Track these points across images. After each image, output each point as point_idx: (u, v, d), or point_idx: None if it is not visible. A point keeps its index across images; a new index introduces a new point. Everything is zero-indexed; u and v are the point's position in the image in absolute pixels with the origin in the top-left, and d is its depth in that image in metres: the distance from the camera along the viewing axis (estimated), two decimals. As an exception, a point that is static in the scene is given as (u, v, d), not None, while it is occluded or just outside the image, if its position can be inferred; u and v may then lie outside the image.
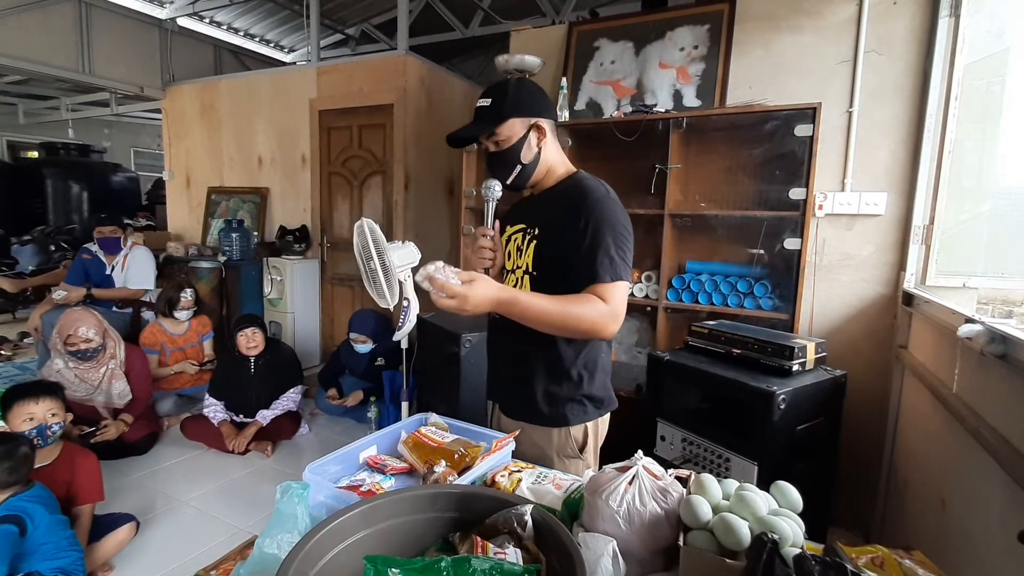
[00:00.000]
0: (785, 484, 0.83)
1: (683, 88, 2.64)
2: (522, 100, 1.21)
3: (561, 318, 1.06)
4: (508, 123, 1.19)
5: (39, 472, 1.92)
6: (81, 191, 6.83)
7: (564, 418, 1.23)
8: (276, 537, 0.78)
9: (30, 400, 1.96)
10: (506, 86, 1.21)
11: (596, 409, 1.26)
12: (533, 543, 0.72)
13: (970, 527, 1.36)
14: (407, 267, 1.04)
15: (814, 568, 0.60)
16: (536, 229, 1.22)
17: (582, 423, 1.24)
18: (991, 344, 1.24)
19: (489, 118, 1.20)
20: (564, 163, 1.28)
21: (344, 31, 5.67)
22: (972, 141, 2.09)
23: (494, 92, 1.21)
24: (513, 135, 1.20)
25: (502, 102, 1.19)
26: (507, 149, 1.21)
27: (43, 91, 6.79)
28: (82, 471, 2.00)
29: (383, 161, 3.91)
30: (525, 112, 1.20)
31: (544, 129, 1.22)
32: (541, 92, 1.27)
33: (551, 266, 1.19)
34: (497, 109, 1.19)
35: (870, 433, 2.27)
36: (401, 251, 1.04)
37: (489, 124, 1.20)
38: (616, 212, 1.15)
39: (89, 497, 1.99)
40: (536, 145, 1.22)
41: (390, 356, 3.29)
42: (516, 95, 1.20)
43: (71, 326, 2.76)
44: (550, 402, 1.24)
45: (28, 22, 4.03)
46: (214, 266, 4.10)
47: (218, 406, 3.01)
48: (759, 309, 2.31)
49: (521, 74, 2.75)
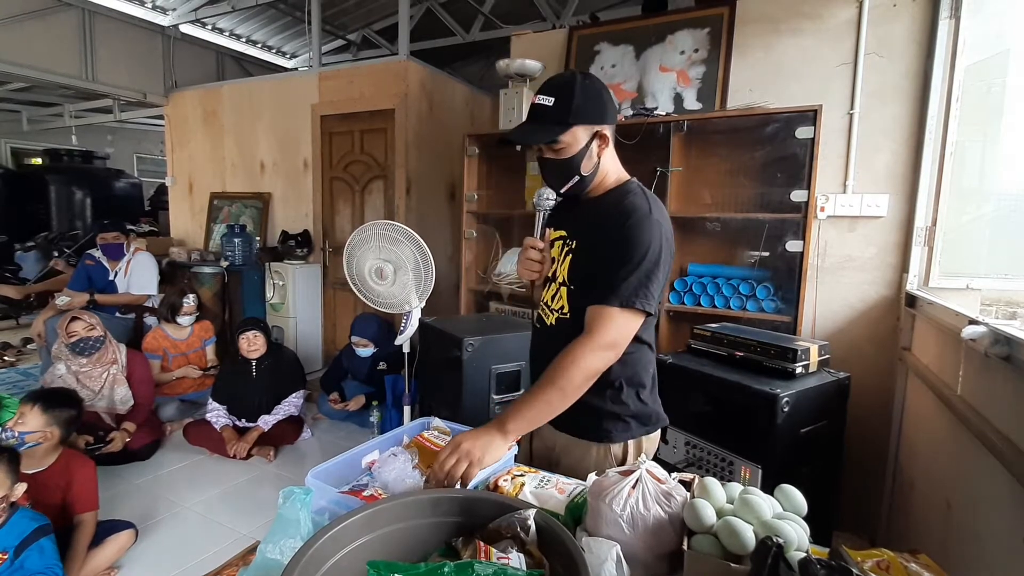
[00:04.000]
0: (789, 487, 0.83)
1: (684, 91, 2.64)
2: (589, 104, 1.07)
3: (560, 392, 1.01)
4: (572, 130, 1.06)
5: (33, 477, 1.90)
6: (84, 197, 6.86)
7: (606, 434, 1.17)
8: (279, 542, 0.78)
9: (28, 405, 1.97)
10: (573, 85, 1.06)
11: (641, 426, 1.19)
12: (536, 548, 0.72)
13: (976, 529, 1.35)
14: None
15: (819, 572, 0.60)
16: (575, 241, 1.14)
17: (623, 441, 1.18)
18: (995, 346, 1.24)
19: (553, 124, 1.06)
20: (617, 170, 1.18)
21: (345, 37, 5.70)
22: (973, 142, 2.08)
23: (558, 90, 1.07)
24: (575, 143, 1.08)
25: (568, 105, 1.05)
26: (567, 158, 1.09)
27: (47, 98, 6.83)
28: (77, 479, 1.98)
29: (384, 166, 3.92)
30: (591, 118, 1.08)
31: (607, 137, 1.11)
32: (608, 93, 1.13)
33: (584, 280, 1.12)
34: (562, 113, 1.06)
35: (874, 436, 2.26)
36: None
37: (551, 132, 1.07)
38: (653, 233, 1.05)
39: (85, 505, 1.97)
40: (597, 155, 1.11)
41: (392, 360, 3.28)
42: (584, 98, 1.06)
43: (70, 316, 2.80)
44: (591, 416, 1.16)
45: (32, 29, 4.06)
46: (216, 271, 4.11)
47: (220, 411, 3.01)
48: (761, 312, 2.30)
49: (523, 78, 2.76)
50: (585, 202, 1.17)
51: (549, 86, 1.09)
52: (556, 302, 1.19)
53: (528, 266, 1.22)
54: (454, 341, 2.07)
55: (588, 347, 1.02)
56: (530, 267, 1.21)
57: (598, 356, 1.03)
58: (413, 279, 2.39)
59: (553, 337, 1.15)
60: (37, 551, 1.66)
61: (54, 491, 1.91)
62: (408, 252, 2.37)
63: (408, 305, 2.46)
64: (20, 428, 1.95)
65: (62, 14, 4.21)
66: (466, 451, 0.93)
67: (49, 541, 1.72)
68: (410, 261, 2.37)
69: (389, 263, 2.39)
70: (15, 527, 1.65)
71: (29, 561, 1.64)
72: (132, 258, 3.62)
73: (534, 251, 1.20)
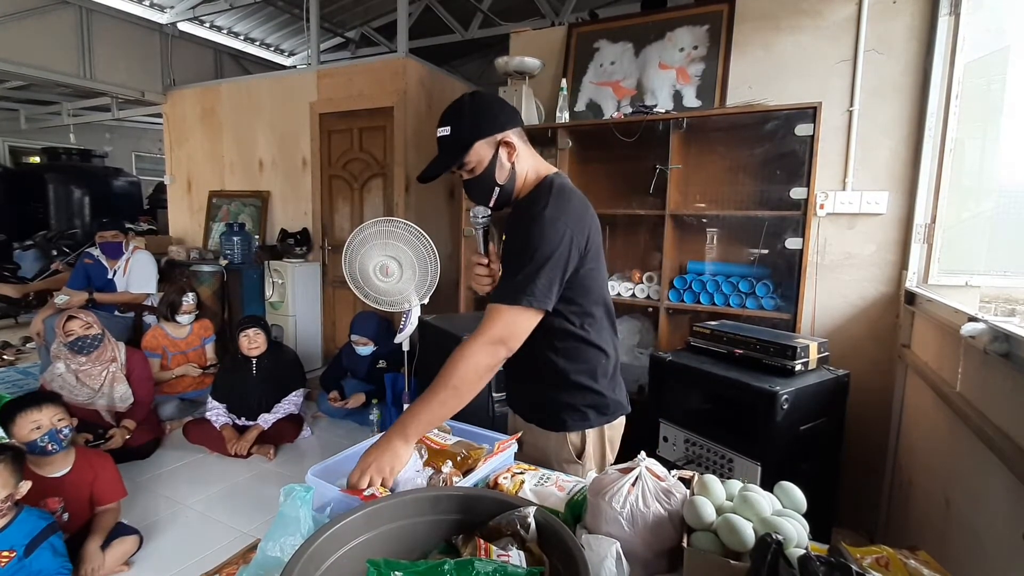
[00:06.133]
0: (789, 484, 0.83)
1: (683, 88, 2.64)
2: (482, 119, 1.12)
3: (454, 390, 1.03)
4: (474, 149, 1.11)
5: (62, 480, 1.96)
6: (83, 196, 6.84)
7: (562, 423, 1.23)
8: (279, 540, 0.78)
9: (33, 409, 1.93)
10: (461, 108, 1.12)
11: (599, 415, 1.24)
12: (536, 545, 0.72)
13: (975, 526, 1.35)
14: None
15: (819, 569, 0.60)
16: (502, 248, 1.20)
17: (580, 430, 1.23)
18: (994, 343, 1.24)
19: (453, 149, 1.12)
20: (536, 168, 1.20)
21: (344, 34, 5.68)
22: (973, 139, 2.08)
23: (451, 118, 1.12)
24: (483, 158, 1.13)
25: (461, 128, 1.11)
26: (480, 175, 1.14)
27: (44, 96, 6.81)
28: (102, 471, 2.07)
29: (383, 164, 3.91)
30: (488, 131, 1.12)
31: (512, 143, 1.14)
32: (500, 102, 1.17)
33: None
34: (458, 136, 1.11)
35: (874, 433, 2.26)
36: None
37: (455, 156, 1.12)
38: (545, 232, 1.07)
39: (113, 495, 2.07)
40: (508, 161, 1.15)
41: (392, 358, 3.29)
42: (474, 116, 1.11)
43: (67, 315, 2.80)
44: (549, 407, 1.24)
45: (29, 27, 4.05)
46: (215, 270, 4.10)
47: (220, 409, 3.00)
48: (761, 309, 2.30)
49: (522, 76, 2.76)
50: (514, 204, 1.22)
51: (443, 117, 1.14)
52: None
53: (477, 280, 1.27)
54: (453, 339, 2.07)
55: (476, 344, 1.06)
56: (479, 281, 1.26)
57: (486, 351, 1.06)
58: (418, 276, 2.39)
59: None
60: (49, 550, 1.68)
61: (83, 488, 1.98)
62: (414, 249, 2.37)
63: (408, 303, 2.46)
64: (62, 424, 1.96)
65: (60, 12, 4.20)
66: (377, 468, 0.95)
67: (59, 539, 1.74)
68: (416, 258, 2.38)
69: (395, 259, 2.39)
70: (23, 526, 1.66)
71: (40, 559, 1.65)
72: (131, 257, 3.62)
73: (480, 267, 1.25)
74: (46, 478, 1.93)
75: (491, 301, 1.09)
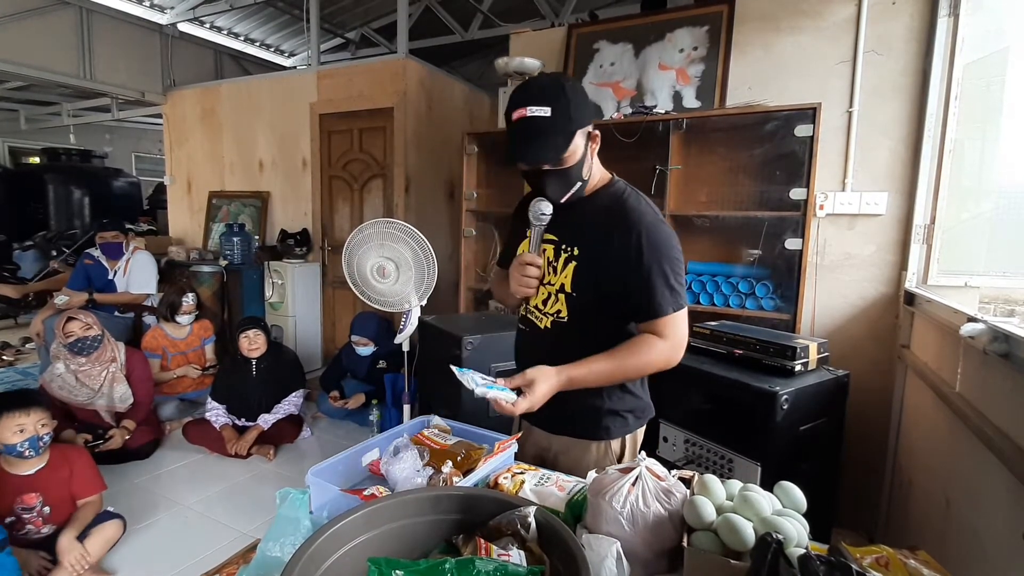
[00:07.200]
0: (789, 484, 0.83)
1: (683, 89, 2.64)
2: (583, 106, 1.02)
3: (624, 374, 1.08)
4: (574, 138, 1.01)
5: (36, 476, 1.93)
6: (83, 196, 6.85)
7: (606, 431, 1.17)
8: (279, 541, 0.78)
9: (20, 412, 1.89)
10: (561, 89, 1.00)
11: (637, 419, 1.21)
12: (537, 545, 0.72)
13: (975, 526, 1.35)
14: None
15: (819, 568, 0.60)
16: (575, 249, 1.10)
17: (621, 436, 1.19)
18: (994, 343, 1.24)
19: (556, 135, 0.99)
20: (599, 166, 1.14)
21: (344, 35, 5.69)
22: (972, 140, 2.09)
23: (549, 98, 0.98)
24: (577, 150, 1.03)
25: (568, 112, 0.99)
26: (569, 167, 1.04)
27: (44, 97, 6.81)
28: (77, 466, 2.03)
29: (383, 164, 3.91)
30: (586, 120, 1.03)
31: (598, 136, 1.08)
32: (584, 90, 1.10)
33: (593, 289, 1.10)
34: (563, 122, 0.98)
35: (873, 433, 2.26)
36: None
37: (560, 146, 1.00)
38: (668, 237, 1.06)
39: (91, 488, 2.04)
40: (592, 156, 1.08)
41: (392, 359, 3.29)
42: (577, 100, 1.01)
43: (66, 316, 2.79)
44: (591, 415, 1.17)
45: (29, 28, 4.05)
46: (215, 270, 4.10)
47: (220, 410, 3.00)
48: (761, 310, 2.30)
49: (522, 76, 2.76)
50: (575, 203, 1.11)
51: (539, 95, 0.99)
52: (551, 307, 1.16)
53: (526, 283, 1.14)
54: (453, 339, 2.07)
55: (665, 350, 1.07)
56: (528, 284, 1.14)
57: (670, 358, 1.08)
58: (415, 277, 2.39)
59: (547, 340, 1.15)
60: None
61: (60, 484, 1.95)
62: (411, 250, 2.37)
63: (407, 304, 2.46)
64: (44, 431, 1.94)
65: (60, 12, 4.20)
66: (536, 404, 1.01)
67: (7, 555, 1.69)
68: (413, 259, 2.37)
69: (391, 261, 2.39)
70: None
71: None
72: (131, 257, 3.62)
73: (533, 268, 1.13)
74: (20, 476, 1.92)
75: (666, 312, 1.05)
